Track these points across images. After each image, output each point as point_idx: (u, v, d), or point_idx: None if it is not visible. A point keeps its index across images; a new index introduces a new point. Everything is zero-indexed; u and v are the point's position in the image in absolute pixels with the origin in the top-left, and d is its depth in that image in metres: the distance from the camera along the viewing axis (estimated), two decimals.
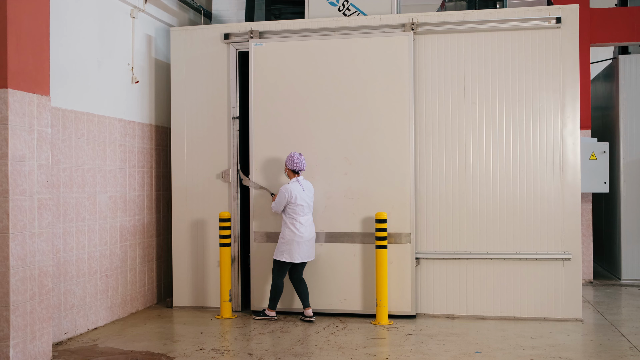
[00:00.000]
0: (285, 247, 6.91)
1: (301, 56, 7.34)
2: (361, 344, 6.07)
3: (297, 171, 6.98)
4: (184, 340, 6.25)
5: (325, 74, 7.28)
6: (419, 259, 7.14)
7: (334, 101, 7.25)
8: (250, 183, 7.42)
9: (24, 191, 5.26)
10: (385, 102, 7.12)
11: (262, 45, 7.39)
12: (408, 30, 7.08)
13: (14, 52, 5.17)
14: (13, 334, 5.14)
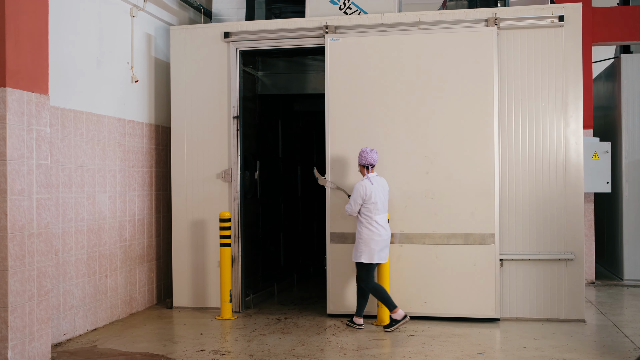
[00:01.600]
0: (364, 247, 6.59)
1: (379, 51, 7.14)
2: (363, 345, 6.02)
3: (368, 166, 6.69)
4: (184, 342, 6.19)
5: (405, 69, 7.09)
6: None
7: (414, 97, 7.07)
8: (326, 183, 7.24)
9: (23, 191, 5.21)
10: (468, 98, 6.94)
11: (338, 40, 7.21)
12: (491, 25, 6.91)
13: (12, 50, 5.12)
14: (11, 336, 5.08)
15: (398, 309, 6.54)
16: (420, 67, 7.08)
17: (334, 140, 7.24)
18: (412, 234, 7.03)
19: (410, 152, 7.04)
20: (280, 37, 7.50)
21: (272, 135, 9.67)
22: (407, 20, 7.15)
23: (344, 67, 7.24)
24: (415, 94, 7.08)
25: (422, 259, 7.01)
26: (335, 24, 7.26)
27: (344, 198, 7.16)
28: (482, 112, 6.93)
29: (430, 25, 7.09)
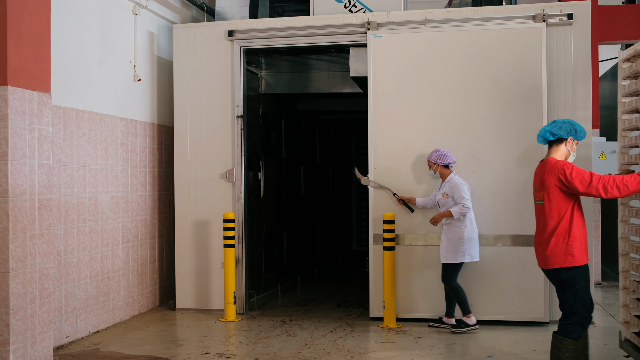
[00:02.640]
0: (467, 246, 6.39)
1: (424, 48, 6.96)
2: (370, 348, 5.94)
3: (449, 165, 6.54)
4: (188, 344, 6.10)
5: (450, 66, 6.91)
6: None
7: (460, 95, 6.88)
8: (369, 182, 7.05)
9: (24, 191, 5.12)
10: (516, 96, 6.76)
11: (381, 37, 7.02)
12: (539, 21, 6.73)
13: (14, 48, 5.03)
14: (13, 339, 4.99)
15: (472, 315, 6.47)
16: (466, 63, 6.88)
17: (377, 140, 7.04)
18: None
19: (456, 151, 6.83)
20: (295, 34, 7.36)
21: (276, 134, 9.59)
22: (454, 17, 6.94)
23: (386, 64, 7.02)
24: (461, 92, 6.88)
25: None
26: (377, 20, 7.07)
27: (388, 198, 6.98)
28: (530, 110, 6.73)
29: (477, 22, 6.89)
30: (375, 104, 7.07)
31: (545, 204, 4.54)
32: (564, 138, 4.59)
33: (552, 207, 4.50)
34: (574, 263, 4.46)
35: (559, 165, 4.46)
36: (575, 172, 4.38)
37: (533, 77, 6.75)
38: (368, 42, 7.08)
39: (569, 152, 4.62)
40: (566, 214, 4.48)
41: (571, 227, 4.48)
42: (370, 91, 7.08)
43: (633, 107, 4.90)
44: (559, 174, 4.43)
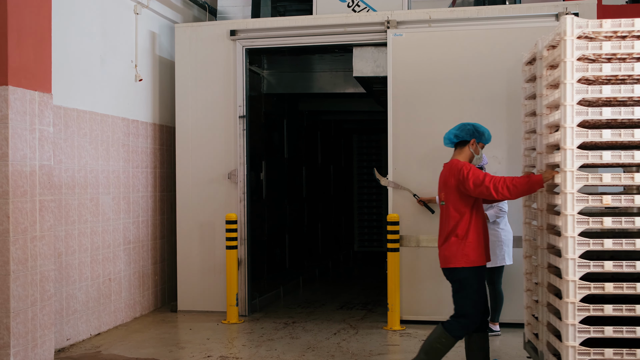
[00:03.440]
0: (506, 248, 6.19)
1: (446, 47, 6.84)
2: (374, 350, 5.87)
3: (483, 167, 6.22)
4: (190, 347, 6.04)
5: (474, 65, 6.77)
6: None
7: (482, 95, 6.75)
8: (389, 183, 6.93)
9: (25, 192, 5.06)
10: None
11: (401, 35, 6.89)
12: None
13: (14, 48, 4.97)
14: (14, 342, 4.93)
15: (498, 324, 6.38)
16: (491, 63, 6.74)
17: (396, 140, 6.91)
18: None
19: None
20: (300, 34, 7.27)
21: (278, 135, 9.53)
22: (479, 15, 6.81)
23: (407, 64, 6.89)
24: (483, 91, 6.75)
25: None
26: (397, 19, 6.95)
27: (407, 199, 6.87)
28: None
29: (501, 20, 6.76)
30: (395, 103, 6.94)
31: (447, 204, 4.61)
32: (467, 140, 4.66)
33: (452, 208, 4.56)
34: (469, 264, 4.50)
35: (459, 166, 4.52)
36: (471, 173, 4.44)
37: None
38: (388, 41, 6.95)
39: (472, 154, 4.68)
40: (465, 215, 4.52)
41: (469, 228, 4.52)
42: (390, 90, 6.96)
43: (532, 110, 4.90)
44: (458, 174, 4.49)
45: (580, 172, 3.87)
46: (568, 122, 3.87)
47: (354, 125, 13.37)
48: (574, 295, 3.84)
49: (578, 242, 3.84)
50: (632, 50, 3.84)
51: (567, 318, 3.85)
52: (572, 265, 3.85)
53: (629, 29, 3.83)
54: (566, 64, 3.86)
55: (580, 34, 3.87)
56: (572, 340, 3.84)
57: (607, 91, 3.87)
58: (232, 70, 7.45)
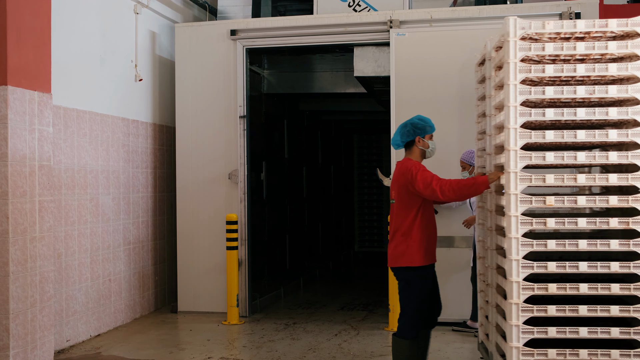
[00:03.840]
0: None
1: (447, 46, 6.79)
2: (376, 352, 5.84)
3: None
4: (191, 348, 6.01)
5: (475, 64, 6.76)
6: None
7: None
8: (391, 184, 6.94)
9: (25, 193, 5.02)
10: None
11: (404, 35, 6.85)
12: (566, 19, 6.54)
13: (14, 47, 4.94)
14: (13, 343, 4.90)
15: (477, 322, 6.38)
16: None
17: None
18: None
19: None
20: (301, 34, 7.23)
21: (278, 135, 9.50)
22: (480, 14, 6.76)
23: (410, 63, 6.84)
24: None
25: None
26: (400, 18, 6.89)
27: None
28: None
29: (503, 20, 6.71)
30: (397, 103, 6.90)
31: (396, 203, 4.61)
32: (412, 140, 4.64)
33: (401, 207, 4.56)
34: (413, 263, 4.48)
35: (409, 166, 4.52)
36: (420, 173, 4.43)
37: None
38: (391, 40, 6.92)
39: (422, 150, 4.65)
40: (411, 214, 4.50)
41: (415, 227, 4.50)
42: (393, 90, 6.92)
43: (483, 111, 4.89)
44: (407, 173, 4.48)
45: (523, 173, 3.84)
46: (511, 123, 3.85)
47: (355, 125, 13.33)
48: (517, 296, 3.82)
49: (522, 243, 3.83)
50: (574, 52, 3.83)
51: (511, 319, 3.84)
52: (515, 266, 3.83)
53: (572, 31, 3.81)
54: (509, 65, 3.84)
55: (524, 35, 3.84)
56: (515, 341, 3.83)
57: (550, 92, 3.85)
58: (232, 70, 7.42)
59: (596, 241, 3.82)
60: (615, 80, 3.97)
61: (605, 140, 3.88)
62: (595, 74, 3.82)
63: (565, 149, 4.31)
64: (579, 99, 3.95)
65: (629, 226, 3.80)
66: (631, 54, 3.80)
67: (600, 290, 3.82)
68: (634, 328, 3.77)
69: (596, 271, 3.82)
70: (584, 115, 3.85)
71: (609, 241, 3.82)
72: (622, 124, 4.00)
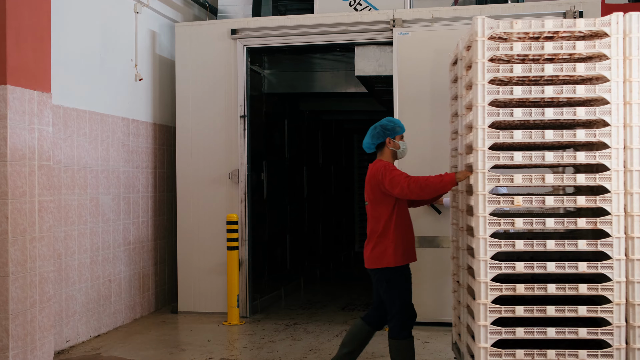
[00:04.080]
0: None
1: (449, 46, 6.55)
2: (377, 352, 5.82)
3: None
4: (191, 349, 5.98)
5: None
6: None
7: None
8: None
9: (24, 193, 4.99)
10: None
11: (407, 34, 6.81)
12: (570, 17, 6.53)
13: (13, 46, 4.90)
14: (12, 344, 4.87)
15: None
16: None
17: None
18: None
19: None
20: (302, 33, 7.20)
21: (278, 135, 9.47)
22: (481, 13, 6.57)
23: (413, 63, 6.80)
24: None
25: None
26: (403, 17, 6.84)
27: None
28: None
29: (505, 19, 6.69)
30: (400, 102, 6.86)
31: (370, 204, 4.62)
32: (383, 142, 4.66)
33: (375, 208, 4.57)
34: (391, 264, 4.50)
35: (379, 166, 4.54)
36: (389, 172, 4.45)
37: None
38: (394, 39, 6.88)
39: (393, 150, 4.69)
40: (386, 215, 4.53)
41: (391, 228, 4.52)
42: (396, 91, 6.88)
43: (455, 111, 4.86)
44: (378, 174, 4.50)
45: (491, 173, 3.82)
46: (479, 123, 3.82)
47: (355, 125, 13.29)
48: (485, 296, 3.80)
49: (490, 244, 3.81)
50: (542, 52, 3.79)
51: (479, 319, 3.82)
52: (483, 266, 3.80)
53: (540, 30, 3.77)
54: (477, 64, 3.80)
55: (492, 34, 3.80)
56: (483, 341, 3.80)
57: (518, 92, 3.82)
58: (233, 70, 7.39)
59: (564, 241, 3.80)
60: (584, 80, 3.95)
61: (573, 140, 3.85)
62: (564, 73, 3.79)
63: (537, 149, 4.28)
64: (547, 99, 3.92)
65: (596, 226, 3.78)
66: (599, 53, 3.77)
67: (568, 290, 3.79)
68: (602, 328, 3.75)
69: (564, 271, 3.80)
70: (552, 115, 3.82)
71: (576, 241, 3.79)
72: (593, 124, 3.97)
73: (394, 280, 4.52)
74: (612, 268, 3.74)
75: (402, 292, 4.53)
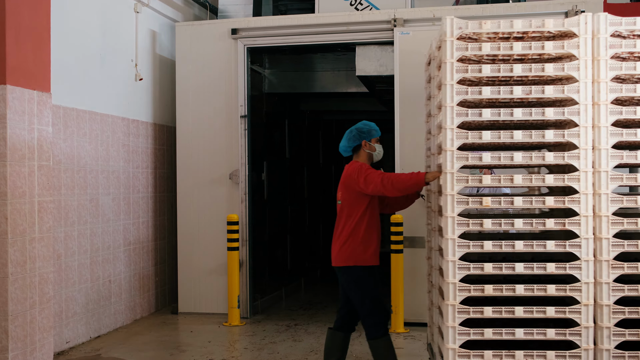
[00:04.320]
0: None
1: None
2: None
3: None
4: (191, 350, 5.95)
5: None
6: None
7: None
8: None
9: (24, 193, 4.97)
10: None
11: (409, 34, 6.77)
12: (572, 16, 6.55)
13: (13, 46, 4.88)
14: (12, 346, 4.84)
15: None
16: None
17: (403, 139, 6.83)
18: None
19: None
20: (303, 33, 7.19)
21: (279, 135, 9.44)
22: (483, 13, 6.68)
23: (414, 63, 6.74)
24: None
25: None
26: (404, 17, 6.82)
27: (416, 200, 6.83)
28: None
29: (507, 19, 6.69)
30: (402, 102, 6.84)
31: (343, 203, 4.66)
32: (359, 144, 4.74)
33: (347, 207, 4.62)
34: (361, 262, 4.54)
35: (356, 166, 4.60)
36: (364, 171, 4.51)
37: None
38: (395, 39, 6.86)
39: (369, 153, 4.77)
40: (358, 214, 4.57)
41: (361, 227, 4.56)
42: (397, 91, 6.86)
43: (429, 111, 4.86)
44: (353, 174, 4.56)
45: (460, 173, 3.79)
46: (448, 123, 3.79)
47: None
48: (454, 297, 3.77)
49: (458, 244, 3.78)
50: (511, 52, 3.76)
51: (447, 320, 3.79)
52: (452, 267, 3.78)
53: (509, 30, 3.74)
54: (446, 64, 3.77)
55: (462, 34, 3.77)
56: (452, 342, 3.78)
57: (487, 92, 3.78)
58: (233, 70, 7.36)
59: (532, 242, 3.77)
60: (554, 81, 3.92)
61: (542, 141, 3.81)
62: (533, 74, 3.76)
63: (509, 149, 4.25)
64: (517, 99, 3.89)
65: (565, 227, 3.75)
66: (568, 54, 3.74)
67: (536, 291, 3.76)
68: (570, 329, 3.73)
69: (532, 272, 3.77)
70: (521, 116, 3.78)
71: (545, 242, 3.77)
72: (565, 124, 3.94)
73: (362, 279, 4.55)
74: (581, 269, 3.72)
75: (370, 291, 4.57)
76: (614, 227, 3.72)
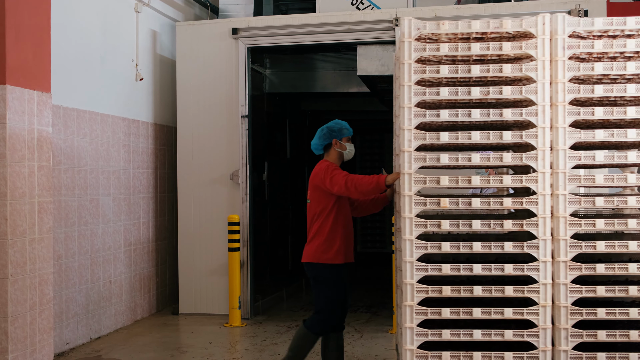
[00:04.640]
0: None
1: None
2: (380, 355, 5.77)
3: None
4: (192, 351, 5.93)
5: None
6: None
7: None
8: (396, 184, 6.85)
9: (24, 194, 4.94)
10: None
11: None
12: (575, 16, 6.50)
13: (12, 46, 4.85)
14: (12, 347, 4.81)
15: None
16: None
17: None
18: None
19: None
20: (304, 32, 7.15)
21: (280, 135, 9.42)
22: (485, 12, 6.63)
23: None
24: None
25: None
26: (406, 16, 6.82)
27: None
28: None
29: (509, 18, 6.66)
30: None
31: (311, 202, 4.71)
32: (330, 143, 4.77)
33: (315, 205, 4.66)
34: (323, 260, 4.58)
35: (324, 166, 4.64)
36: (331, 171, 4.54)
37: None
38: (396, 39, 6.81)
39: (339, 152, 4.79)
40: (324, 213, 4.61)
41: (327, 226, 4.60)
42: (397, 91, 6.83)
43: (394, 112, 4.86)
44: (320, 173, 4.61)
45: (418, 174, 3.77)
46: (406, 124, 3.77)
47: (357, 125, 13.22)
48: (411, 298, 3.75)
49: (416, 245, 3.76)
50: (469, 53, 3.73)
51: (405, 321, 3.77)
52: (409, 268, 3.76)
53: (468, 31, 3.71)
54: (404, 65, 3.74)
55: (421, 35, 3.74)
56: (409, 343, 3.76)
57: (444, 93, 3.75)
58: (234, 70, 7.33)
59: (490, 243, 3.75)
60: (514, 81, 3.89)
61: (500, 142, 3.79)
62: (491, 74, 3.73)
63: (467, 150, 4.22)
64: (475, 100, 3.85)
65: (522, 228, 3.73)
66: (526, 54, 3.72)
67: (494, 292, 3.73)
68: (528, 330, 3.71)
69: (490, 273, 3.75)
70: (479, 117, 3.75)
71: (502, 243, 3.75)
72: (526, 125, 3.90)
73: (322, 277, 4.59)
74: (539, 270, 3.70)
75: (328, 291, 4.59)
76: (571, 229, 3.71)
